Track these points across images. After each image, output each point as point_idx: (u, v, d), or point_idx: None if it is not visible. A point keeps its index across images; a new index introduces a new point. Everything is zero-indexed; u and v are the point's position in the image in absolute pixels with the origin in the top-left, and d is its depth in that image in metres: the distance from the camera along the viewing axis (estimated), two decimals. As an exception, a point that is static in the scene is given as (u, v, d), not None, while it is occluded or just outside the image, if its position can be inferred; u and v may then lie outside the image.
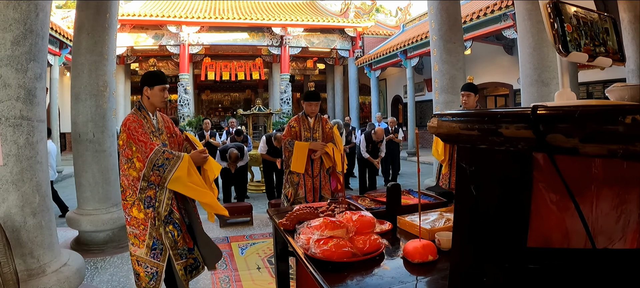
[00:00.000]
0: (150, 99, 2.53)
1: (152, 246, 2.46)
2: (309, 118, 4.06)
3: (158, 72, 2.64)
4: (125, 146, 2.43)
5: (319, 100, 4.08)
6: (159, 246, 2.48)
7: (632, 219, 0.74)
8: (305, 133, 4.01)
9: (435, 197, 2.12)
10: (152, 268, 2.50)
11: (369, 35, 18.04)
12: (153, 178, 2.39)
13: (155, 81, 2.54)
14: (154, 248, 2.47)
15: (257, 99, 10.20)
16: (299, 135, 4.01)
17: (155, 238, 2.46)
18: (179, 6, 16.53)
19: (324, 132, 4.05)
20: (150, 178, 2.39)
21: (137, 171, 2.40)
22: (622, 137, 0.54)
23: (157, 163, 2.37)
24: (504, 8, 9.19)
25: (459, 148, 0.82)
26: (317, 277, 1.24)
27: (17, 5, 2.43)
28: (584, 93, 9.59)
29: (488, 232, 0.77)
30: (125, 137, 2.42)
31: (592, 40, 0.78)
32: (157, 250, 2.48)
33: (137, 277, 2.50)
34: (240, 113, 10.06)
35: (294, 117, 4.14)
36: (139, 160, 2.39)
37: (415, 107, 14.64)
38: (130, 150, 2.41)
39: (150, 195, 2.43)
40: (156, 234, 2.45)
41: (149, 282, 2.50)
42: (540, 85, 4.38)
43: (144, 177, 2.39)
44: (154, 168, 2.37)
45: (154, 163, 2.37)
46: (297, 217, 1.72)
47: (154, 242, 2.46)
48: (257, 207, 6.46)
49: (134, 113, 2.52)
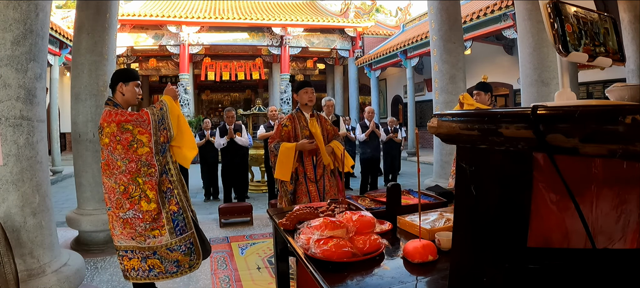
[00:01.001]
0: (125, 95, 2.52)
1: (174, 224, 2.48)
2: (306, 113, 3.33)
3: (132, 69, 2.69)
4: (118, 135, 2.36)
5: (313, 86, 3.37)
6: (179, 219, 2.50)
7: (632, 219, 0.74)
8: (303, 132, 3.27)
9: (435, 197, 2.12)
10: (186, 243, 2.51)
11: (369, 35, 18.05)
12: (162, 138, 2.45)
13: (130, 77, 2.55)
14: (175, 225, 2.49)
15: (257, 99, 10.19)
16: (293, 136, 3.29)
17: (172, 213, 2.48)
18: (179, 6, 16.53)
19: (326, 130, 3.36)
20: (160, 138, 2.44)
21: (147, 145, 2.39)
22: (622, 137, 0.54)
23: (159, 119, 2.46)
24: (504, 8, 9.19)
25: (459, 148, 0.82)
26: (317, 277, 1.24)
27: (17, 5, 2.43)
28: (584, 93, 9.59)
29: (488, 232, 0.77)
30: (115, 127, 2.37)
31: (592, 40, 0.78)
32: (180, 224, 2.51)
33: (178, 264, 2.49)
34: (241, 113, 10.05)
35: (287, 115, 3.42)
36: (141, 134, 2.39)
37: (415, 107, 14.64)
38: (130, 133, 2.37)
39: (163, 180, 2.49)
40: (171, 208, 2.49)
41: (191, 259, 2.52)
42: (540, 85, 4.38)
43: (156, 143, 2.42)
44: (159, 126, 2.44)
45: (158, 121, 2.45)
46: (297, 217, 1.72)
47: (173, 218, 2.48)
48: (257, 207, 6.46)
49: (111, 109, 2.46)
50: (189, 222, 2.55)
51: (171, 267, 2.48)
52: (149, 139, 2.39)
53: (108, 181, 2.43)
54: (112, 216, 2.46)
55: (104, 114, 2.43)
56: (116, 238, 2.47)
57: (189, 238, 2.53)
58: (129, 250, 2.46)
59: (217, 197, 7.38)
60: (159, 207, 2.43)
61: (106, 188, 2.45)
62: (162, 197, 2.47)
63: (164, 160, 2.49)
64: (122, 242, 2.45)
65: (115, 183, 2.40)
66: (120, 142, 2.36)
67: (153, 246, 2.44)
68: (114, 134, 2.36)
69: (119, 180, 2.39)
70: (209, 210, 6.51)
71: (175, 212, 2.49)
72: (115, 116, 2.38)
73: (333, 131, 3.43)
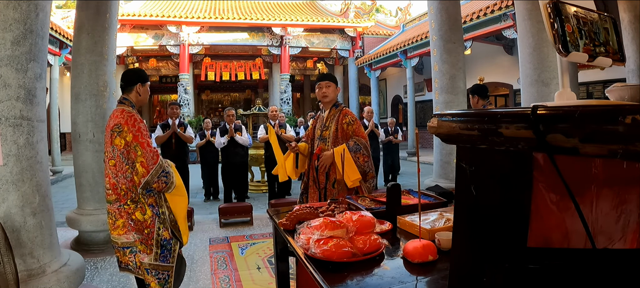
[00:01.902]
0: (141, 95, 2.49)
1: (161, 247, 2.39)
2: (324, 112, 3.06)
3: (143, 70, 2.67)
4: (129, 148, 2.30)
5: (329, 80, 3.01)
6: (167, 246, 2.41)
7: (632, 219, 0.74)
8: (317, 131, 3.05)
9: (435, 197, 2.12)
10: (164, 273, 2.41)
11: (369, 35, 18.05)
12: (156, 185, 2.32)
13: (146, 78, 2.55)
14: (162, 250, 2.40)
15: (257, 99, 10.19)
16: (312, 136, 3.10)
17: (163, 238, 2.39)
18: (179, 6, 16.54)
19: (341, 130, 2.91)
20: (152, 185, 2.31)
21: (139, 177, 2.29)
22: (622, 137, 0.54)
23: (164, 170, 2.34)
24: (504, 8, 9.20)
25: (459, 148, 0.82)
26: (317, 277, 1.24)
27: (17, 5, 2.43)
28: (584, 93, 9.60)
29: (488, 232, 0.77)
30: (131, 138, 2.29)
31: (592, 40, 0.78)
32: (166, 250, 2.41)
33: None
34: (241, 113, 10.05)
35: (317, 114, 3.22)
36: (142, 166, 2.29)
37: (415, 107, 14.65)
38: (135, 153, 2.30)
39: (152, 202, 2.38)
40: (164, 233, 2.39)
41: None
42: (540, 85, 4.37)
43: (147, 183, 2.30)
44: (160, 175, 2.32)
45: (162, 170, 2.33)
46: (297, 217, 1.72)
47: (162, 241, 2.39)
48: (257, 207, 6.46)
49: (131, 111, 2.40)
50: (174, 256, 2.47)
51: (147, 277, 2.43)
52: (144, 174, 2.31)
53: (123, 180, 2.36)
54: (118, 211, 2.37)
55: (126, 116, 2.35)
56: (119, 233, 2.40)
57: (168, 271, 2.44)
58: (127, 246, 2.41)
59: (217, 197, 7.39)
60: (152, 222, 2.37)
61: (110, 186, 2.39)
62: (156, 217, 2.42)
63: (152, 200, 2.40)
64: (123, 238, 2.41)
65: (118, 183, 2.37)
66: (125, 153, 2.32)
67: (137, 262, 2.40)
68: (128, 143, 2.31)
69: (121, 184, 2.35)
70: (209, 210, 6.51)
71: (166, 239, 2.42)
72: (138, 127, 2.33)
73: (352, 132, 2.90)
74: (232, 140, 6.37)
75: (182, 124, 6.26)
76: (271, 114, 6.69)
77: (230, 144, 6.39)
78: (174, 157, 5.90)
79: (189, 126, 6.45)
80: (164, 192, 2.39)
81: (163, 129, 6.07)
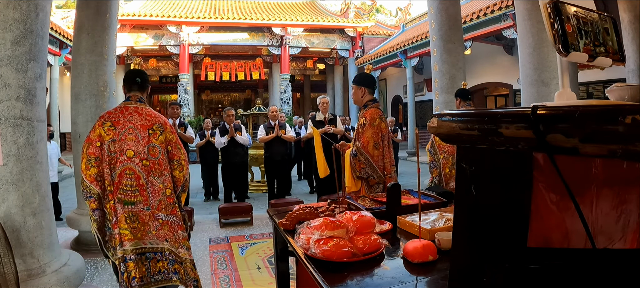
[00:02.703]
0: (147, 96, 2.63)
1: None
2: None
3: None
4: (174, 147, 2.47)
5: (353, 83, 3.09)
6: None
7: (632, 219, 0.74)
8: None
9: (435, 197, 2.12)
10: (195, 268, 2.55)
11: (369, 35, 18.05)
12: (187, 184, 2.55)
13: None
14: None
15: (257, 99, 10.20)
16: None
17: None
18: (179, 6, 16.54)
19: (356, 132, 3.05)
20: (186, 184, 2.52)
21: (184, 173, 2.48)
22: (622, 137, 0.54)
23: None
24: (504, 8, 9.20)
25: (459, 148, 0.82)
26: (317, 277, 1.24)
27: (17, 5, 2.43)
28: (584, 93, 9.59)
29: (488, 232, 0.77)
30: (175, 139, 2.47)
31: (592, 40, 0.78)
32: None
33: (196, 285, 2.45)
34: (241, 113, 10.05)
35: None
36: (185, 162, 2.51)
37: (415, 107, 14.64)
38: (179, 153, 2.47)
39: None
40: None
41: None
42: (540, 85, 4.38)
43: (186, 180, 2.51)
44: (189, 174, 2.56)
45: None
46: (297, 217, 1.72)
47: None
48: (257, 207, 6.46)
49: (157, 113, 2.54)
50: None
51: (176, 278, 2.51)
52: (186, 170, 2.52)
53: (156, 181, 2.38)
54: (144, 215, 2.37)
55: (157, 114, 2.50)
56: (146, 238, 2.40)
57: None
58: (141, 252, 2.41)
59: (217, 197, 7.38)
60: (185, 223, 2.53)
61: (138, 186, 2.36)
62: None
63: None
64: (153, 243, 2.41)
65: (163, 185, 2.40)
66: (172, 152, 2.47)
67: (182, 257, 2.44)
68: (174, 142, 2.46)
69: (167, 183, 2.41)
70: (209, 210, 6.51)
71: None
72: (173, 130, 2.51)
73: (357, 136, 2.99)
74: (232, 140, 6.37)
75: (183, 124, 6.26)
76: (271, 114, 6.69)
77: (230, 143, 6.39)
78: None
79: (189, 126, 6.45)
80: (185, 191, 2.55)
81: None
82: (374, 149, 2.89)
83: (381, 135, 2.94)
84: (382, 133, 2.96)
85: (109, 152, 2.32)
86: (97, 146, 2.32)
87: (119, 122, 2.35)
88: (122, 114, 2.39)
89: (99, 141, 2.32)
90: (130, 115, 2.38)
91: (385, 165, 2.96)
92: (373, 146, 2.89)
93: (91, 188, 2.32)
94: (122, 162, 2.33)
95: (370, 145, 2.88)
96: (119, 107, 2.46)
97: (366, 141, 2.89)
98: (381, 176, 2.91)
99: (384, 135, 2.98)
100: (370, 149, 2.88)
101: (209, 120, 7.42)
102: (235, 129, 6.46)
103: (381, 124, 2.95)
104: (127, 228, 2.32)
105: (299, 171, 9.83)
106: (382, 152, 2.95)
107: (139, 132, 2.35)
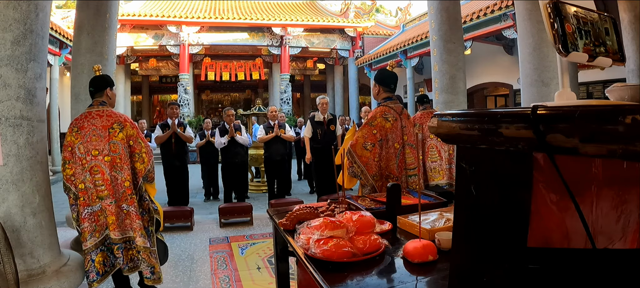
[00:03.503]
0: (111, 99, 2.83)
1: (148, 232, 2.77)
2: None
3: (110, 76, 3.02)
4: (134, 141, 2.70)
5: (375, 80, 3.06)
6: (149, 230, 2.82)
7: (632, 219, 0.74)
8: None
9: (435, 197, 2.12)
10: (154, 255, 2.77)
11: (369, 35, 18.04)
12: (151, 174, 2.75)
13: (113, 83, 2.90)
14: (149, 234, 2.78)
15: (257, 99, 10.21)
16: None
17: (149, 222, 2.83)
18: (179, 6, 16.53)
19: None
20: (151, 174, 2.74)
21: (145, 165, 2.70)
22: (622, 137, 0.54)
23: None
24: (504, 8, 9.19)
25: (459, 148, 0.82)
26: (317, 277, 1.24)
27: (17, 5, 2.43)
28: (584, 93, 9.59)
29: (488, 232, 0.77)
30: (134, 133, 2.69)
31: (592, 40, 0.78)
32: (151, 234, 2.80)
33: (153, 271, 2.71)
34: (240, 113, 10.05)
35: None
36: (146, 154, 2.72)
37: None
38: (139, 146, 2.71)
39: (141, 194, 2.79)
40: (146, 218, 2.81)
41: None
42: (540, 85, 4.37)
43: (148, 172, 2.72)
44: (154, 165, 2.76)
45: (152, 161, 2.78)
46: (297, 217, 1.72)
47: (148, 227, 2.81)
48: (257, 207, 6.46)
49: (115, 111, 2.78)
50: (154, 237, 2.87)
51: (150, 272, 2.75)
52: (148, 162, 2.75)
53: (118, 175, 2.67)
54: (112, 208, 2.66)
55: (119, 114, 2.74)
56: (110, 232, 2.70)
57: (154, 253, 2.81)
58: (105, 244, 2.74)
59: (217, 197, 7.38)
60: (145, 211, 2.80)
61: (103, 181, 2.66)
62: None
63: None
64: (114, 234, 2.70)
65: (123, 178, 2.67)
66: (133, 147, 2.71)
67: (139, 245, 2.67)
68: (133, 136, 2.69)
69: (127, 176, 2.66)
70: (209, 210, 6.51)
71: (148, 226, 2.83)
72: (134, 126, 2.73)
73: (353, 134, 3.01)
74: (232, 140, 6.37)
75: (182, 124, 6.26)
76: (271, 114, 6.69)
77: (230, 143, 6.39)
78: (174, 157, 5.95)
79: (188, 126, 6.44)
80: (151, 182, 2.79)
81: (162, 129, 6.07)
82: (363, 149, 2.72)
83: (381, 135, 2.76)
84: (386, 133, 2.77)
85: (79, 153, 2.64)
86: (69, 150, 2.66)
87: (83, 126, 2.66)
88: (87, 118, 2.69)
89: (70, 146, 2.66)
90: (93, 118, 2.68)
91: (385, 168, 2.77)
92: (362, 146, 2.73)
93: (67, 186, 2.70)
94: (89, 161, 2.65)
95: (358, 145, 2.74)
96: (84, 113, 2.75)
97: (356, 140, 2.76)
98: (369, 179, 2.72)
99: (389, 136, 2.78)
100: (358, 149, 2.73)
101: (209, 120, 7.42)
102: (235, 129, 6.46)
103: (384, 123, 2.77)
104: (96, 221, 2.68)
105: (299, 171, 9.84)
106: (379, 154, 2.76)
107: (100, 132, 2.65)
